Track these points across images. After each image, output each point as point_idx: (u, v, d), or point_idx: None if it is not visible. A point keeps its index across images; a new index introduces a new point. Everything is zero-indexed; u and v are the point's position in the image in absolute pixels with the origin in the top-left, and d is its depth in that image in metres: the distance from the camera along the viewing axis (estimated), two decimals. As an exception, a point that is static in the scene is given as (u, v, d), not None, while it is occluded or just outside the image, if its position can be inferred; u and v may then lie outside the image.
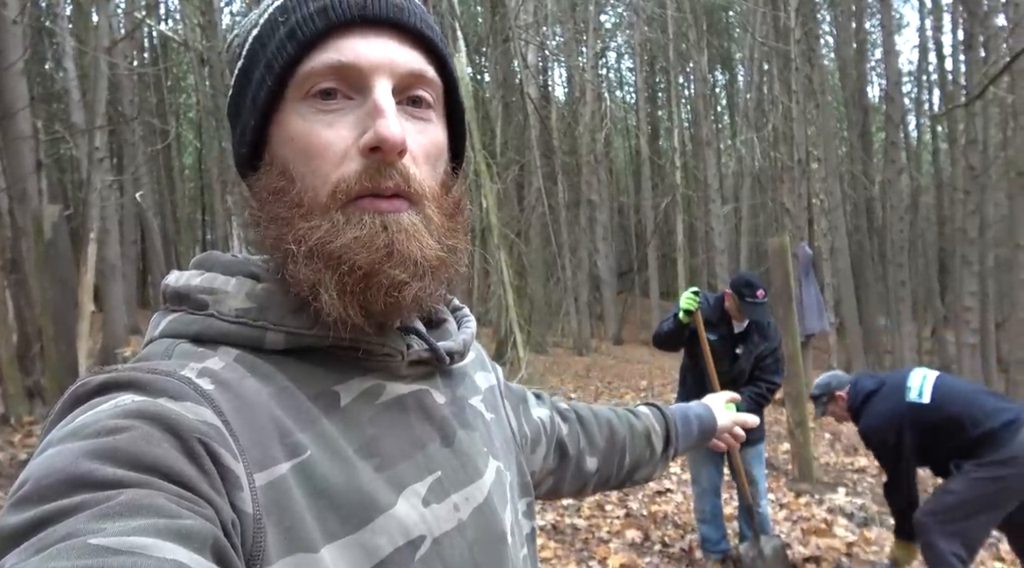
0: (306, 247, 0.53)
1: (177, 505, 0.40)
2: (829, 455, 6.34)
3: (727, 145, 20.54)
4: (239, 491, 0.45)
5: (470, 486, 0.60)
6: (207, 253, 0.60)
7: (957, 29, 17.29)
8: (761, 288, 3.36)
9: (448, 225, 0.58)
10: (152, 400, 0.45)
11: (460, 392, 0.67)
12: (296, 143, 0.55)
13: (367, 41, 0.55)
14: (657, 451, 0.99)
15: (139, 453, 0.41)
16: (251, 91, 0.57)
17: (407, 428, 0.58)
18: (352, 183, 0.53)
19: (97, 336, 9.95)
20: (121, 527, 0.36)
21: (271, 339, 0.54)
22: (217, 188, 13.10)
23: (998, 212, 15.64)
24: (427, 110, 0.58)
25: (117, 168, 14.96)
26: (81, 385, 0.48)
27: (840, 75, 19.50)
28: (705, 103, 17.03)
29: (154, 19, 15.11)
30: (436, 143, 0.58)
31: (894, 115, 14.03)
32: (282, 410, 0.52)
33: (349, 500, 0.51)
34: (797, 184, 11.01)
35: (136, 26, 11.06)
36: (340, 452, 0.52)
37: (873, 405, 3.13)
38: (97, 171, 6.54)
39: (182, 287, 0.57)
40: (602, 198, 16.98)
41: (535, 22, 14.69)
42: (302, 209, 0.54)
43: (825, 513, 4.46)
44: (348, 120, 0.54)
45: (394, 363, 0.59)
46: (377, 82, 0.54)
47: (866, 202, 19.52)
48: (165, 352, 0.53)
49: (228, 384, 0.50)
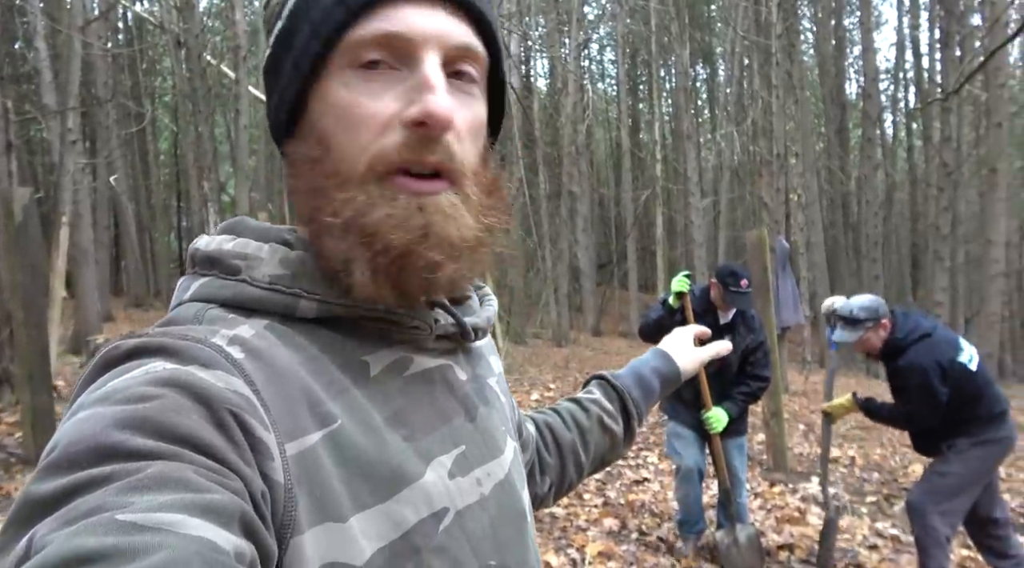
0: (341, 220, 0.52)
1: (206, 478, 0.39)
2: (803, 445, 6.44)
3: (707, 139, 20.65)
4: (270, 461, 0.45)
5: (492, 462, 0.61)
6: (238, 218, 0.59)
7: (934, 27, 17.56)
8: (745, 278, 3.38)
9: (487, 202, 0.57)
10: (183, 368, 0.45)
11: (479, 370, 0.68)
12: (337, 112, 0.53)
13: (419, 11, 0.53)
14: (617, 433, 0.92)
15: (169, 423, 0.41)
16: (293, 55, 0.55)
17: (433, 401, 0.58)
18: (391, 155, 0.52)
19: (69, 322, 9.76)
20: (149, 502, 0.36)
21: (304, 307, 0.53)
22: (193, 174, 12.87)
23: (970, 209, 15.94)
24: (471, 84, 0.56)
25: (90, 151, 14.65)
26: (112, 348, 0.47)
27: (819, 71, 19.69)
28: (686, 96, 17.09)
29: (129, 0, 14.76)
30: (479, 118, 0.57)
31: (871, 112, 14.22)
32: (313, 379, 0.51)
33: (379, 470, 0.51)
34: (775, 178, 11.11)
35: (111, 6, 10.81)
36: (370, 422, 0.52)
37: (928, 345, 3.01)
38: (69, 154, 6.40)
39: (214, 251, 0.56)
40: (583, 190, 17.00)
41: (518, 12, 14.61)
42: (338, 179, 0.53)
43: (798, 502, 4.54)
44: (393, 91, 0.52)
45: (422, 336, 0.59)
46: (427, 55, 0.52)
47: (842, 197, 19.80)
48: (196, 316, 0.52)
49: (259, 352, 0.50)
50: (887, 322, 3.07)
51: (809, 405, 8.65)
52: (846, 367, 14.05)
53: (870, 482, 5.32)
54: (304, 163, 0.55)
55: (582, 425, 0.90)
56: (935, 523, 3.00)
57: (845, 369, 12.86)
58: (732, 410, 3.46)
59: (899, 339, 3.05)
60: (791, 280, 8.61)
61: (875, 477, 5.45)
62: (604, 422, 0.91)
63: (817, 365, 12.82)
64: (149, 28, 16.47)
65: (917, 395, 2.98)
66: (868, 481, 5.35)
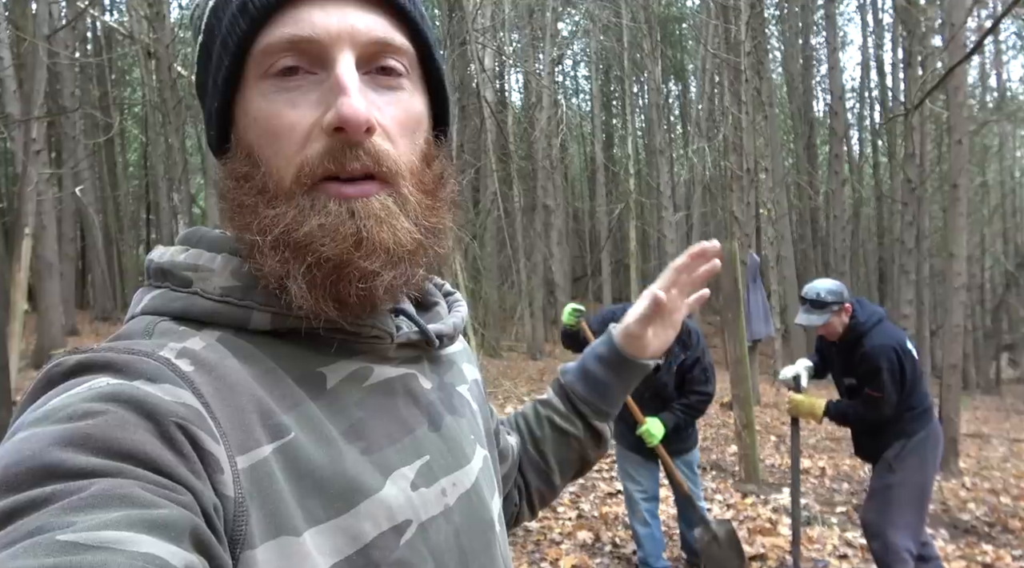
0: (271, 237, 0.50)
1: (153, 494, 0.38)
2: (774, 457, 6.50)
3: (679, 154, 20.93)
4: (220, 474, 0.44)
5: (458, 471, 0.59)
6: (195, 228, 0.57)
7: (897, 48, 18.06)
8: None
9: (428, 203, 0.55)
10: (128, 383, 0.43)
11: (447, 378, 0.66)
12: (259, 125, 0.52)
13: (325, 10, 0.50)
14: (575, 433, 0.82)
15: (113, 439, 0.39)
16: (212, 70, 0.54)
17: (395, 411, 0.57)
18: (316, 165, 0.50)
19: (31, 336, 9.53)
20: (92, 520, 0.35)
21: (257, 319, 0.52)
22: (163, 186, 12.68)
23: (934, 224, 16.33)
24: (399, 78, 0.54)
25: (56, 162, 14.37)
26: (55, 365, 0.46)
27: (787, 89, 20.13)
28: (658, 112, 17.32)
29: (98, 9, 14.57)
30: (411, 113, 0.55)
31: (838, 129, 14.54)
32: (265, 391, 0.50)
33: (333, 483, 0.49)
34: (746, 193, 11.28)
35: (78, 15, 10.65)
36: (325, 435, 0.51)
37: (886, 328, 3.10)
38: (33, 164, 6.26)
39: (166, 263, 0.54)
40: (557, 203, 17.08)
41: (492, 26, 14.71)
42: (267, 195, 0.51)
43: (770, 513, 4.57)
44: (311, 98, 0.51)
45: (382, 345, 0.57)
46: (339, 55, 0.50)
47: (811, 212, 20.17)
48: (145, 330, 0.51)
49: (209, 365, 0.48)
50: (849, 307, 3.12)
51: (780, 417, 8.74)
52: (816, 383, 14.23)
53: (840, 492, 5.38)
54: (235, 181, 0.53)
55: (534, 434, 0.85)
56: (894, 538, 3.01)
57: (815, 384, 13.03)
58: (668, 420, 3.34)
59: (861, 323, 3.09)
60: (762, 293, 8.75)
61: (844, 487, 5.52)
62: (556, 423, 0.83)
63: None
64: (118, 38, 16.25)
65: (887, 377, 3.00)
66: (838, 491, 5.41)
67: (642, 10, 15.41)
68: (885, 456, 3.13)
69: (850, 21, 24.46)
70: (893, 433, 3.10)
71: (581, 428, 0.83)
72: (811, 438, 7.62)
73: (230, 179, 0.54)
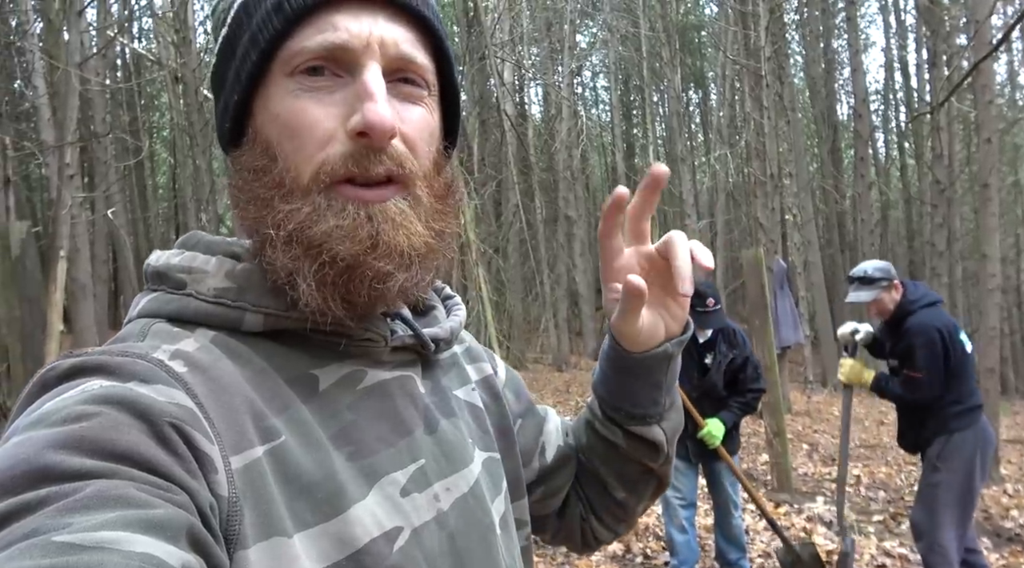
0: (285, 232, 0.51)
1: (148, 494, 0.38)
2: (807, 465, 6.38)
3: (701, 161, 20.82)
4: (214, 474, 0.44)
5: (454, 475, 0.58)
6: (191, 232, 0.58)
7: (921, 48, 17.82)
8: (712, 297, 3.30)
9: (438, 207, 0.56)
10: (121, 384, 0.44)
11: (444, 382, 0.65)
12: (281, 120, 0.52)
13: (358, 19, 0.52)
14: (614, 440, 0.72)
15: (107, 440, 0.39)
16: (235, 63, 0.54)
17: (388, 415, 0.56)
18: (337, 165, 0.51)
19: (66, 357, 9.72)
20: (88, 521, 0.35)
21: (249, 321, 0.53)
22: (191, 207, 12.94)
23: (965, 225, 16.01)
24: (419, 89, 0.56)
25: (88, 186, 14.73)
26: (49, 369, 0.46)
27: (810, 93, 19.93)
28: (679, 120, 17.28)
29: (127, 37, 14.99)
30: (429, 123, 0.56)
31: (862, 131, 14.35)
32: (257, 393, 0.50)
33: (320, 488, 0.49)
34: (770, 199, 11.17)
35: (108, 43, 10.96)
36: (314, 438, 0.51)
37: (936, 311, 3.11)
38: (67, 188, 6.43)
39: (162, 266, 0.55)
40: (579, 214, 17.08)
41: (511, 40, 14.83)
42: (283, 190, 0.52)
43: (804, 522, 4.48)
44: (336, 98, 0.52)
45: (376, 349, 0.57)
46: (368, 63, 0.52)
47: (837, 216, 19.88)
48: (140, 332, 0.52)
49: (202, 366, 0.49)
50: (899, 284, 3.15)
51: (812, 424, 8.59)
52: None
53: (876, 501, 5.26)
54: (250, 173, 0.54)
55: (579, 435, 0.78)
56: (940, 539, 2.96)
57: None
58: (727, 419, 3.37)
59: (910, 302, 3.11)
60: (790, 300, 8.62)
61: (881, 496, 5.40)
62: (596, 429, 0.74)
63: (819, 384, 12.76)
64: (147, 65, 16.68)
65: (923, 356, 2.99)
66: (874, 500, 5.29)
67: (660, 19, 15.43)
68: (928, 454, 3.09)
69: (872, 23, 24.21)
70: (933, 427, 3.05)
71: (621, 436, 0.72)
72: (845, 446, 7.47)
73: (245, 171, 0.54)
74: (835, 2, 18.66)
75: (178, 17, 11.20)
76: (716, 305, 3.30)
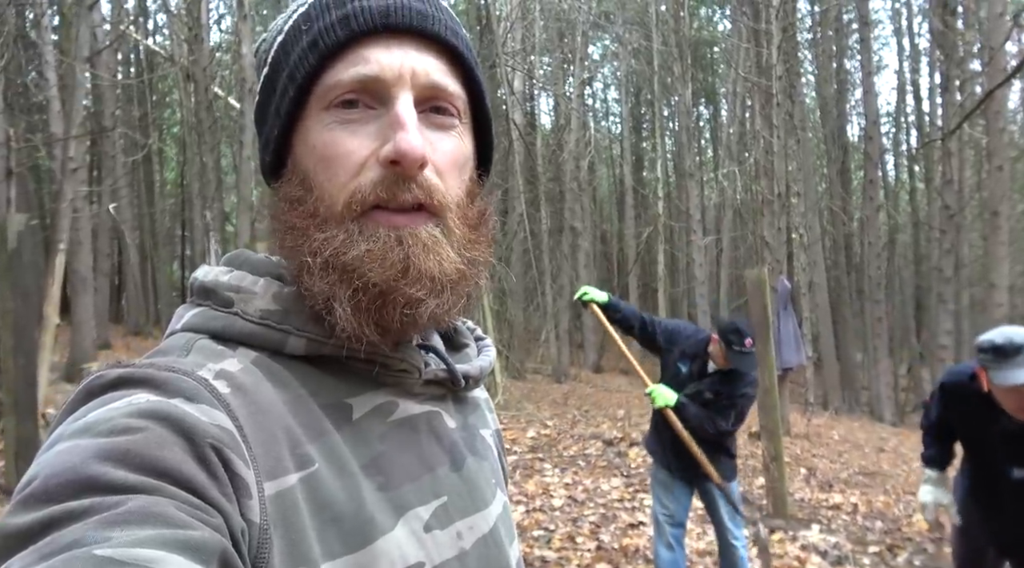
0: (321, 259, 0.52)
1: (186, 514, 0.39)
2: (804, 491, 6.28)
3: (709, 177, 20.76)
4: (248, 499, 0.44)
5: (476, 515, 0.59)
6: (239, 251, 0.60)
7: (934, 72, 17.77)
8: (750, 337, 3.13)
9: (470, 237, 0.57)
10: (167, 400, 0.44)
11: (472, 420, 0.66)
12: (317, 152, 0.54)
13: (389, 51, 0.54)
14: None
15: (150, 457, 0.40)
16: (275, 100, 0.57)
17: (417, 449, 0.57)
18: (367, 193, 0.52)
19: (64, 350, 9.70)
20: (128, 537, 0.36)
21: (292, 344, 0.54)
22: (197, 204, 12.96)
23: (973, 252, 15.90)
24: (451, 118, 0.57)
25: (96, 180, 14.78)
26: (96, 378, 0.47)
27: (820, 113, 19.87)
28: (688, 135, 17.23)
29: (140, 32, 15.06)
30: (461, 151, 0.57)
31: (873, 153, 14.29)
32: (295, 419, 0.51)
33: (351, 519, 0.49)
34: (777, 218, 11.11)
35: (118, 37, 11.01)
36: (347, 467, 0.51)
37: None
38: (69, 182, 6.42)
39: (210, 282, 0.56)
40: (585, 226, 17.03)
41: (523, 50, 14.84)
42: (317, 219, 0.54)
43: (798, 550, 4.39)
44: (369, 129, 0.54)
45: (410, 380, 0.58)
46: (400, 94, 0.53)
47: (844, 238, 19.78)
48: (184, 346, 0.52)
49: (244, 388, 0.50)
50: None
51: (811, 448, 8.48)
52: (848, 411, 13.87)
53: (873, 531, 5.16)
54: (287, 204, 0.56)
55: None
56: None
57: (848, 413, 12.67)
58: (683, 402, 3.22)
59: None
60: (793, 320, 8.54)
61: (878, 526, 5.29)
62: None
63: (820, 407, 12.64)
64: (159, 61, 16.75)
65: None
66: (871, 530, 5.19)
67: (673, 34, 15.43)
68: None
69: (885, 45, 24.19)
70: None
71: None
72: (843, 472, 7.37)
73: (283, 202, 0.56)
74: (848, 23, 18.65)
75: (191, 14, 11.25)
76: (752, 347, 3.15)
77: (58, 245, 6.35)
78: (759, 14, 11.81)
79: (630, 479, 5.82)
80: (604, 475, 5.89)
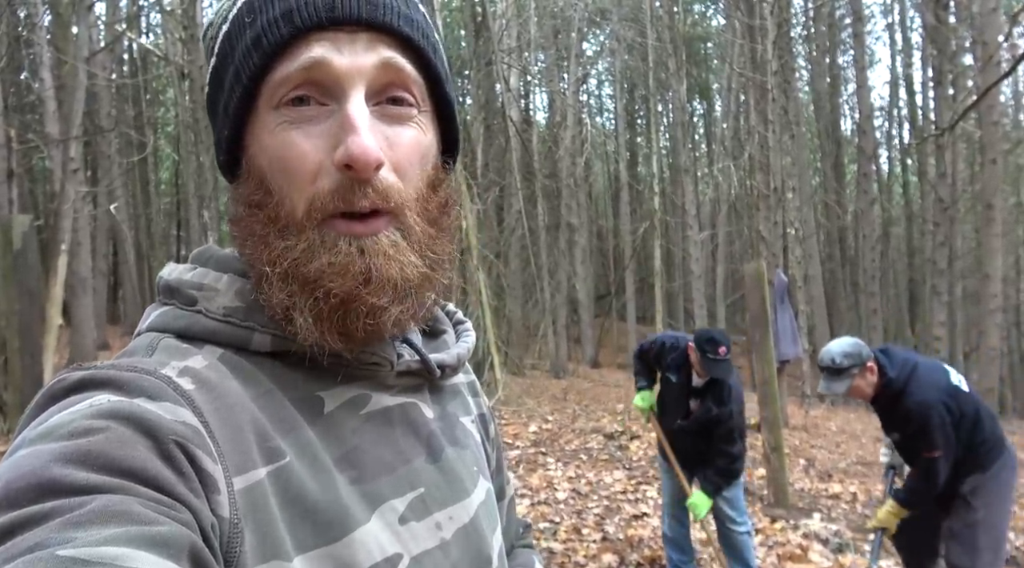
0: (280, 269, 0.51)
1: (152, 511, 0.38)
2: (804, 481, 6.36)
3: (705, 173, 20.85)
4: (217, 494, 0.44)
5: (455, 505, 0.58)
6: (206, 247, 0.58)
7: (927, 66, 17.86)
8: (724, 345, 3.18)
9: (432, 233, 0.55)
10: (128, 400, 0.44)
11: (451, 408, 0.65)
12: (271, 153, 0.52)
13: (337, 46, 0.51)
14: None
15: (113, 456, 0.39)
16: (223, 97, 0.54)
17: (392, 441, 0.56)
18: (326, 201, 0.50)
19: (64, 350, 9.71)
20: (92, 536, 0.35)
21: (258, 341, 0.53)
22: (194, 203, 12.95)
23: (966, 244, 16.02)
24: (409, 108, 0.54)
25: (92, 180, 14.74)
26: (58, 381, 0.46)
27: (815, 108, 19.98)
28: (683, 131, 17.30)
29: (135, 32, 15.02)
30: (421, 142, 0.55)
31: (866, 148, 14.39)
32: (263, 413, 0.50)
33: (323, 512, 0.49)
34: (772, 212, 11.18)
35: (116, 38, 10.99)
36: (319, 461, 0.51)
37: (923, 377, 2.75)
38: (70, 182, 6.43)
39: (174, 281, 0.55)
40: (581, 222, 17.09)
41: (518, 47, 14.87)
42: (278, 225, 0.52)
43: (800, 539, 4.46)
44: (322, 129, 0.51)
45: (382, 373, 0.57)
46: (350, 89, 0.51)
47: (839, 232, 19.91)
48: (149, 346, 0.51)
49: (209, 384, 0.49)
50: (872, 364, 2.80)
51: (809, 439, 8.57)
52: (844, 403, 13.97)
53: (872, 519, 5.24)
54: (246, 208, 0.54)
55: None
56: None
57: (844, 404, 12.77)
58: (710, 491, 3.37)
59: (893, 380, 2.77)
60: (790, 313, 8.61)
61: (877, 514, 5.37)
62: None
63: (817, 399, 12.74)
64: (154, 60, 16.71)
65: (939, 434, 2.69)
66: (871, 518, 5.27)
67: (667, 30, 15.46)
68: (961, 492, 2.84)
69: (878, 39, 24.32)
70: (965, 470, 2.82)
71: None
72: (841, 462, 7.45)
73: (242, 205, 0.54)
74: (842, 18, 18.73)
75: (187, 14, 11.22)
76: (726, 354, 3.20)
77: (60, 246, 6.37)
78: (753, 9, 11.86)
79: (632, 472, 5.89)
80: (606, 468, 5.95)
